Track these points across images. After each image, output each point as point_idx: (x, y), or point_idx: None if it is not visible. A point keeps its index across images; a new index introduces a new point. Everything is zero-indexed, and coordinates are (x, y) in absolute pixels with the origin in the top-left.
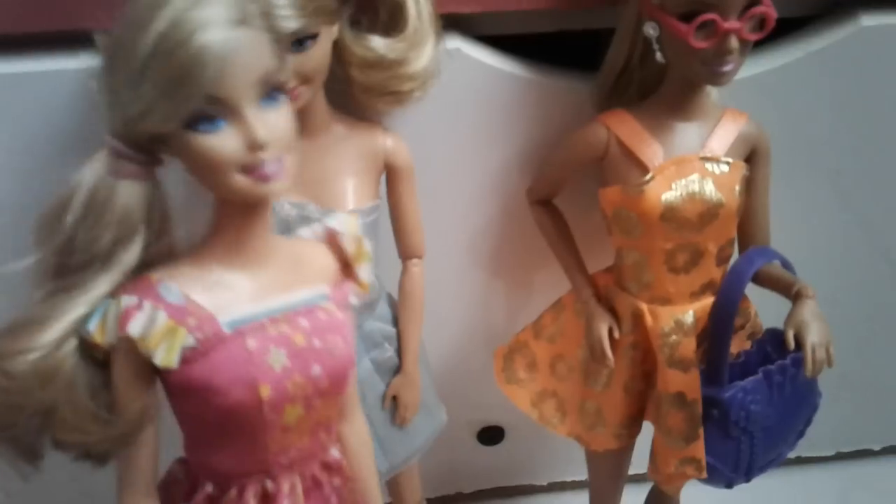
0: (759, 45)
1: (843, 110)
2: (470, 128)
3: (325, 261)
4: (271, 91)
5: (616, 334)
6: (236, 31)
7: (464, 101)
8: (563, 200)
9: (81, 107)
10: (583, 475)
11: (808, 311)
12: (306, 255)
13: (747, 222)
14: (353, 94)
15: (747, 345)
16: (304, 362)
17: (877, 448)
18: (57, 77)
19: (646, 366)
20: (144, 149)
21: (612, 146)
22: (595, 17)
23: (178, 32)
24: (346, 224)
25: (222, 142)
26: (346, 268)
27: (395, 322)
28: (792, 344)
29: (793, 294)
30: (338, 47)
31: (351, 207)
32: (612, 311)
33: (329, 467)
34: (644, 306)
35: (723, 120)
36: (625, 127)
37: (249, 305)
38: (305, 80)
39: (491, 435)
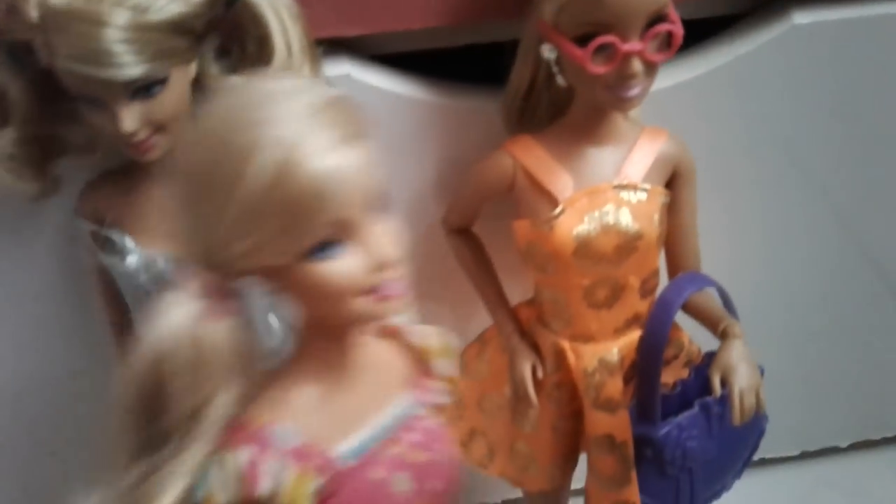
0: (683, 49)
1: (775, 115)
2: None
3: (399, 362)
4: (381, 204)
5: (539, 374)
6: (346, 151)
7: None
8: (482, 227)
9: None
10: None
11: (736, 353)
12: (383, 360)
13: (675, 247)
14: None
15: (684, 373)
16: (425, 479)
17: (843, 445)
18: None
19: (574, 405)
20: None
21: (519, 177)
22: (498, 30)
23: (290, 163)
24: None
25: (346, 266)
26: (419, 365)
27: None
28: (718, 390)
29: (719, 333)
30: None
31: None
32: (536, 348)
33: None
34: (566, 344)
35: (639, 141)
36: (531, 156)
37: (356, 433)
38: (159, 128)
39: None
